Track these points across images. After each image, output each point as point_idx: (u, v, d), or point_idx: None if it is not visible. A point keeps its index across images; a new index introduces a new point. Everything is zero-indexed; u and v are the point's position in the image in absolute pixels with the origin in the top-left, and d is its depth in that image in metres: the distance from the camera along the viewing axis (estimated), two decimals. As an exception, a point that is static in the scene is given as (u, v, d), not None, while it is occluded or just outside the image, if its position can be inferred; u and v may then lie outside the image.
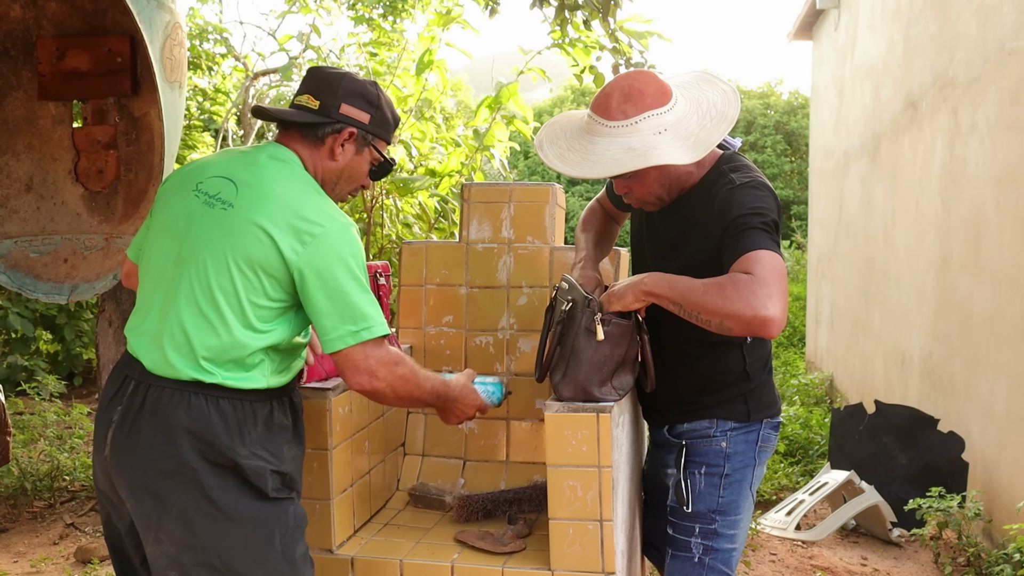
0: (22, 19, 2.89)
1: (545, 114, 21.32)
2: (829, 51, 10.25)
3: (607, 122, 2.25)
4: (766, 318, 2.02)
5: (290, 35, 7.33)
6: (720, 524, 2.42)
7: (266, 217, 2.04)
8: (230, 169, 2.14)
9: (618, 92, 2.26)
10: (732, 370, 2.42)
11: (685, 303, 2.16)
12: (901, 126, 7.01)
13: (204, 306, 2.04)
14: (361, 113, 2.24)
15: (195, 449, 2.03)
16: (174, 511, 2.03)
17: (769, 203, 2.24)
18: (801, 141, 18.90)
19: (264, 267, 2.04)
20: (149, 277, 2.15)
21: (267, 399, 2.14)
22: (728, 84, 2.36)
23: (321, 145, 2.22)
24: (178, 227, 2.12)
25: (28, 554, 4.58)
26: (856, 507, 4.99)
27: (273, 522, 2.10)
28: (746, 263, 2.09)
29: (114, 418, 2.08)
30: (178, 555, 2.03)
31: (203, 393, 2.05)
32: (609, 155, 2.22)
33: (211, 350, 2.04)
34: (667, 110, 2.25)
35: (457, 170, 6.26)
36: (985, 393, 5.01)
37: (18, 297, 7.32)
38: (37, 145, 2.94)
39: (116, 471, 2.07)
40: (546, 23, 4.49)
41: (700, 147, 2.22)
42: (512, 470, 2.99)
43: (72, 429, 6.19)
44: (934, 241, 6.03)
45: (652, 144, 2.20)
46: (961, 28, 5.63)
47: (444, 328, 3.10)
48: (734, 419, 2.43)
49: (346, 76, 2.24)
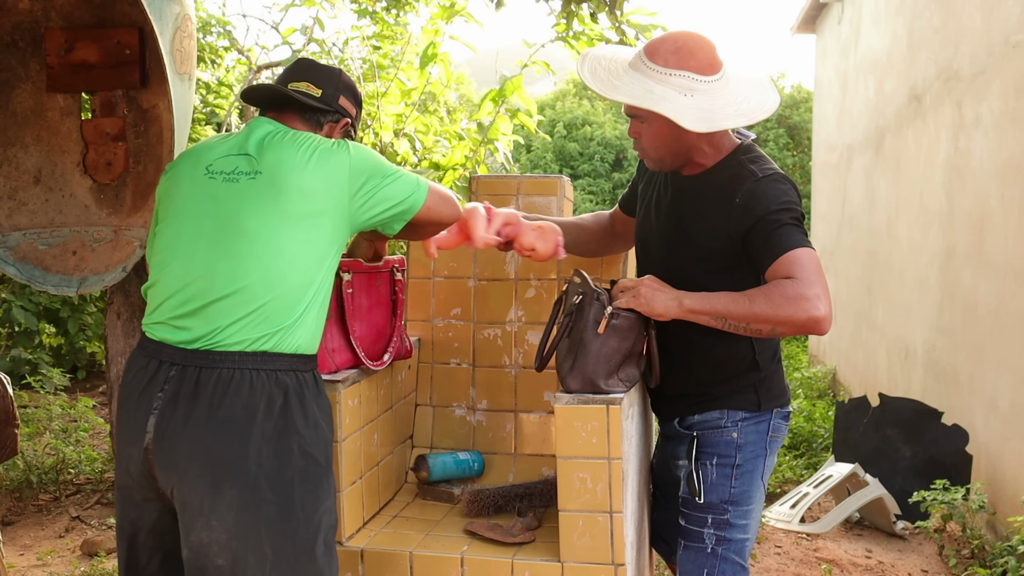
0: (30, 11, 2.89)
1: (547, 107, 21.30)
2: (832, 44, 10.24)
3: (648, 62, 2.31)
4: (819, 318, 2.13)
5: (293, 28, 7.31)
6: (732, 514, 2.44)
7: (298, 163, 2.13)
8: (236, 146, 2.21)
9: (672, 42, 2.31)
10: (742, 360, 2.44)
11: (731, 316, 2.21)
12: (905, 119, 7.01)
13: (255, 269, 2.08)
14: (352, 107, 2.41)
15: (256, 429, 2.04)
16: (229, 495, 2.02)
17: (794, 196, 2.30)
18: (803, 135, 18.87)
19: (313, 203, 2.12)
20: (177, 263, 2.14)
21: (310, 367, 2.18)
22: (776, 97, 2.40)
23: (319, 130, 2.33)
24: (204, 210, 2.14)
25: (34, 547, 4.59)
26: (860, 500, 5.00)
27: (321, 512, 2.13)
28: (787, 265, 2.16)
29: (155, 405, 2.06)
30: (229, 541, 2.02)
31: (263, 368, 2.07)
32: (630, 88, 2.29)
33: (268, 309, 2.08)
34: (705, 80, 2.29)
35: (461, 163, 6.26)
36: (989, 386, 5.02)
37: (22, 290, 7.31)
38: (45, 137, 2.94)
39: (163, 459, 2.05)
40: (551, 16, 4.50)
41: (707, 124, 2.25)
42: (520, 462, 3.00)
43: (77, 422, 6.20)
44: (938, 234, 6.04)
45: (670, 97, 2.25)
46: (966, 21, 5.63)
47: (452, 321, 3.11)
48: (745, 409, 2.45)
49: (341, 71, 2.38)
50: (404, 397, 3.01)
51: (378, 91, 6.40)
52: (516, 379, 3.05)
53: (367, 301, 2.65)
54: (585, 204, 18.50)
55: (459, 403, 3.10)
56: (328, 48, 7.58)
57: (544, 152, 20.03)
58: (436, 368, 3.12)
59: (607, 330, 2.32)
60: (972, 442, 5.04)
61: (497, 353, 3.07)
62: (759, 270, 2.26)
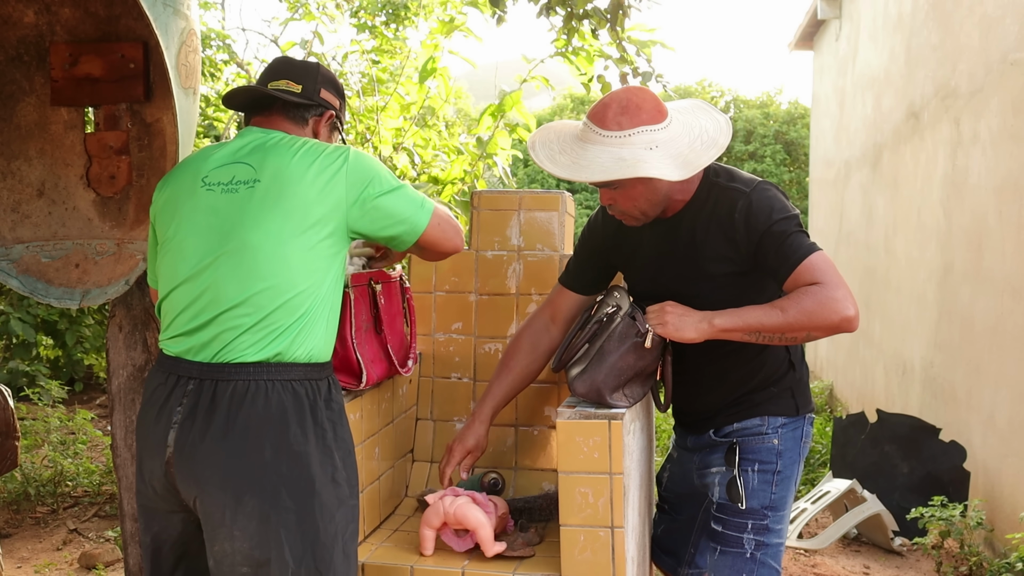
0: (35, 25, 2.90)
1: (545, 122, 21.33)
2: (830, 61, 10.29)
3: (601, 131, 2.30)
4: (850, 317, 2.21)
5: (293, 42, 7.33)
6: (772, 519, 2.48)
7: (297, 170, 2.15)
8: (232, 156, 2.22)
9: (616, 104, 2.31)
10: (780, 363, 2.50)
11: (765, 329, 2.26)
12: (903, 136, 7.04)
13: (261, 279, 2.10)
14: (334, 98, 2.41)
15: (273, 439, 2.06)
16: (250, 505, 2.04)
17: (783, 199, 2.37)
18: (800, 151, 18.93)
19: (314, 212, 2.13)
20: (184, 279, 2.16)
21: (325, 375, 2.19)
22: (723, 115, 2.43)
23: (305, 126, 2.35)
24: (207, 223, 2.16)
25: (32, 559, 4.59)
26: (858, 516, 5.00)
27: (340, 518, 2.15)
28: (808, 272, 2.23)
29: (174, 419, 2.08)
30: (251, 550, 2.05)
31: (277, 379, 2.09)
32: (599, 162, 2.28)
33: (277, 318, 2.10)
34: (661, 128, 2.30)
35: (460, 177, 6.27)
36: (987, 403, 5.03)
37: (20, 302, 7.31)
38: (49, 150, 2.94)
39: (184, 472, 2.08)
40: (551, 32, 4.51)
41: (688, 167, 2.27)
42: (521, 476, 3.00)
43: (75, 435, 6.19)
44: (936, 251, 6.06)
45: (642, 158, 2.25)
46: (963, 39, 5.67)
47: (453, 335, 3.11)
48: (784, 414, 2.50)
49: (319, 65, 2.39)
50: (405, 411, 3.01)
51: (377, 105, 6.42)
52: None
53: (392, 310, 2.74)
54: (582, 219, 18.52)
55: (460, 417, 3.10)
56: (327, 62, 7.61)
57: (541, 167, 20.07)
58: (437, 382, 3.13)
59: (628, 347, 2.35)
60: (970, 459, 5.05)
61: (498, 367, 3.07)
62: (776, 280, 2.30)
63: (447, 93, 6.56)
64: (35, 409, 6.72)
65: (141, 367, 2.94)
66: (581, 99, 21.75)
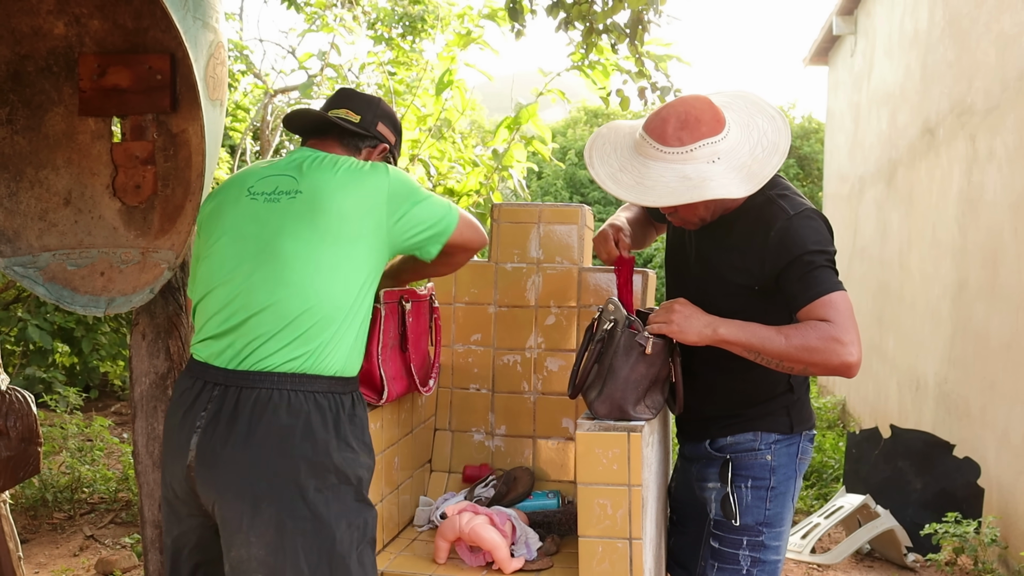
0: (65, 36, 2.94)
1: (559, 134, 21.37)
2: (845, 77, 10.30)
3: (662, 147, 2.28)
4: (851, 364, 2.19)
5: (310, 54, 7.38)
6: (767, 536, 2.47)
7: (338, 185, 2.21)
8: (277, 169, 2.30)
9: (674, 118, 2.28)
10: (778, 383, 2.48)
11: (765, 352, 2.24)
12: (918, 152, 7.05)
13: (290, 284, 2.14)
14: (391, 134, 2.49)
15: (293, 448, 2.09)
16: (267, 513, 2.07)
17: (827, 235, 2.33)
18: (814, 165, 18.91)
19: (350, 225, 2.18)
20: (221, 283, 2.20)
21: (350, 390, 2.22)
22: (774, 108, 2.40)
23: (358, 155, 2.41)
24: (247, 231, 2.22)
25: (49, 565, 4.62)
26: (871, 531, 5.00)
27: (357, 527, 2.17)
28: (823, 308, 2.21)
29: (198, 424, 2.12)
30: (267, 557, 2.08)
31: (300, 389, 2.12)
32: (664, 182, 2.26)
33: (302, 326, 2.13)
34: (721, 138, 2.28)
35: (475, 189, 6.30)
36: (1001, 419, 5.02)
37: (38, 309, 7.36)
38: (76, 160, 2.98)
39: (204, 477, 2.11)
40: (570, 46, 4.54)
41: (753, 179, 2.26)
42: (539, 488, 3.01)
43: (93, 442, 6.23)
44: (951, 267, 6.06)
45: (707, 174, 2.23)
46: (980, 56, 5.68)
47: (472, 346, 3.14)
48: (778, 431, 2.49)
49: (381, 100, 2.46)
50: (424, 421, 3.04)
51: (394, 117, 6.45)
52: (535, 405, 3.08)
53: (419, 329, 2.77)
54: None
55: (478, 428, 3.12)
56: (344, 73, 7.65)
57: (555, 179, 20.09)
58: (455, 393, 3.15)
59: (636, 357, 2.35)
60: (984, 475, 5.04)
61: (516, 379, 3.10)
62: (792, 308, 2.28)
63: (463, 105, 6.60)
64: (52, 416, 6.77)
65: (163, 375, 2.96)
66: (595, 112, 21.76)
